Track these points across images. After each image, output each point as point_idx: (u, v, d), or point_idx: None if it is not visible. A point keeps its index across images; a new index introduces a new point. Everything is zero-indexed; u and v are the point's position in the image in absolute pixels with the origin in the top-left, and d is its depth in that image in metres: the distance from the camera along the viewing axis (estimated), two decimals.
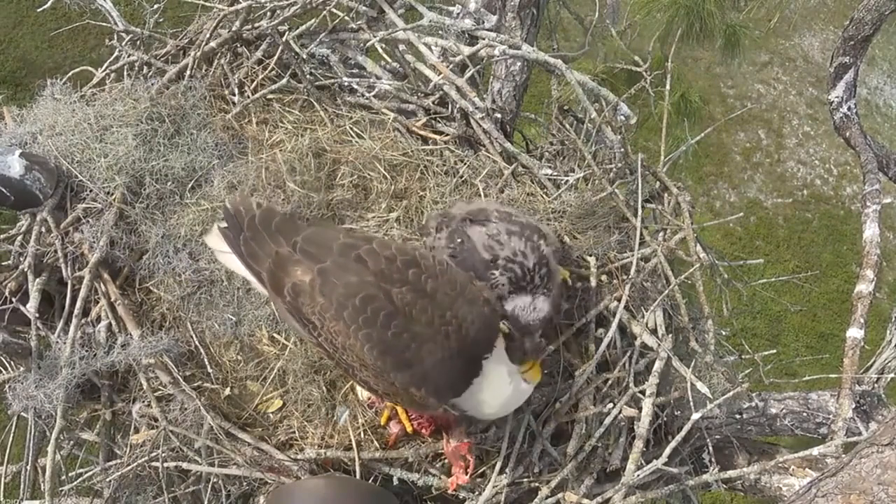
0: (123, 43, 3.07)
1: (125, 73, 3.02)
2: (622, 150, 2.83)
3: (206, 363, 2.50)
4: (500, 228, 2.37)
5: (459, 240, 2.39)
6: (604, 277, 2.69)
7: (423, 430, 2.42)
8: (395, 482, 2.39)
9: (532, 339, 2.22)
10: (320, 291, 2.02)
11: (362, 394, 2.48)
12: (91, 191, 2.60)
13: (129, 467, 2.35)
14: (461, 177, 2.87)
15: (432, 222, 2.52)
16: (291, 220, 2.21)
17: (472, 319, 2.05)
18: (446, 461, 2.41)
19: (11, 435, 2.46)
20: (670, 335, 2.55)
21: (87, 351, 2.38)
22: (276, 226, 2.13)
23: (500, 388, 2.15)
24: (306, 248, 2.08)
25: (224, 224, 2.21)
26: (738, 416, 3.04)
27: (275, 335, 2.54)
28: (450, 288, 2.06)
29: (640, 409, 2.42)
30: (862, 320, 2.68)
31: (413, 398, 2.06)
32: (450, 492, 2.38)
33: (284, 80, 2.93)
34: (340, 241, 2.08)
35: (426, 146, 2.96)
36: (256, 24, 3.06)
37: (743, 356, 3.03)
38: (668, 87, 3.05)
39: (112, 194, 2.59)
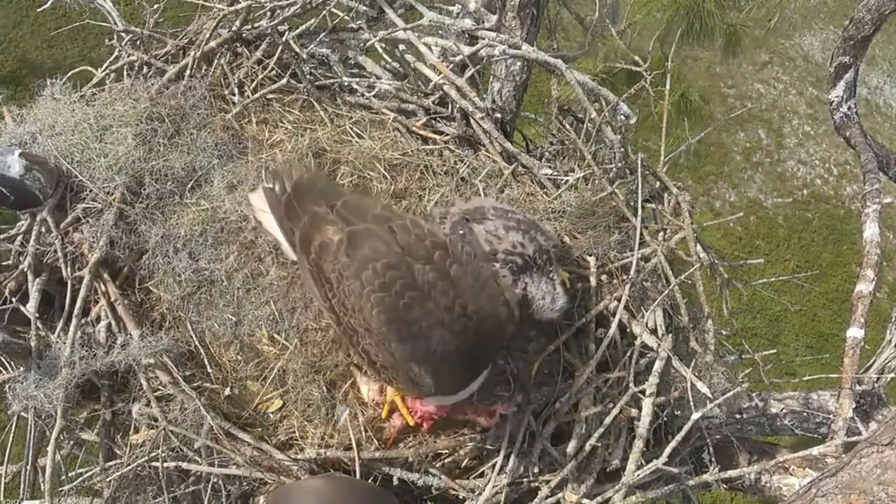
0: (123, 43, 3.06)
1: (125, 72, 3.01)
2: (622, 149, 2.82)
3: (206, 363, 2.49)
4: (497, 225, 2.40)
5: (462, 231, 2.42)
6: (604, 277, 2.69)
7: (425, 425, 2.42)
8: (395, 482, 2.39)
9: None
10: (345, 251, 2.04)
11: (367, 393, 2.48)
12: (91, 191, 2.59)
13: (129, 467, 2.35)
14: (461, 177, 2.87)
15: (437, 211, 2.57)
16: (335, 185, 2.29)
17: (493, 324, 2.05)
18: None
19: (11, 435, 2.46)
20: (670, 335, 2.55)
21: (86, 351, 2.38)
22: (319, 189, 2.19)
23: None
24: (343, 211, 2.12)
25: (269, 185, 2.26)
26: (738, 416, 3.04)
27: (275, 335, 2.54)
28: (473, 279, 2.06)
29: (640, 409, 2.42)
30: (862, 320, 2.67)
31: (409, 375, 2.04)
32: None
33: (284, 80, 2.93)
34: (377, 212, 2.13)
35: (426, 146, 2.95)
36: (256, 24, 3.06)
37: (743, 356, 3.02)
38: (668, 86, 3.05)
39: (112, 194, 2.59)
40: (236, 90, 2.94)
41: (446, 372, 2.05)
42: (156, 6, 3.19)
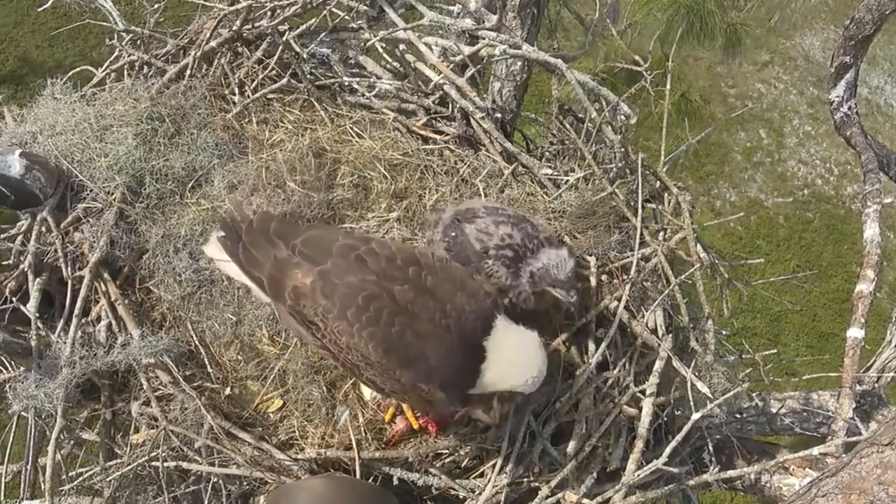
0: (124, 42, 3.06)
1: (125, 72, 3.02)
2: (622, 149, 2.82)
3: (207, 363, 2.49)
4: (488, 222, 2.41)
5: (454, 233, 2.44)
6: (604, 277, 2.69)
7: (430, 427, 2.43)
8: (395, 482, 2.39)
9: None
10: (322, 293, 2.02)
11: (368, 394, 2.48)
12: (91, 190, 2.60)
13: (129, 467, 2.35)
14: (461, 177, 2.87)
15: (432, 217, 2.59)
16: (289, 223, 2.23)
17: (471, 310, 2.05)
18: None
19: (12, 434, 2.46)
20: (670, 335, 2.55)
21: (87, 351, 2.38)
22: (273, 230, 2.14)
23: (518, 347, 2.09)
24: (305, 250, 2.09)
25: (222, 233, 2.21)
26: (738, 416, 3.05)
27: (275, 335, 2.54)
28: (450, 284, 2.07)
29: (640, 409, 2.42)
30: (862, 320, 2.67)
31: (421, 395, 2.05)
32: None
33: (284, 80, 2.93)
34: (340, 243, 2.09)
35: (426, 146, 2.96)
36: (257, 24, 3.06)
37: (743, 356, 3.02)
38: (668, 86, 3.05)
39: (112, 194, 2.59)
40: (237, 90, 2.94)
41: (450, 376, 2.05)
42: (156, 6, 3.20)
